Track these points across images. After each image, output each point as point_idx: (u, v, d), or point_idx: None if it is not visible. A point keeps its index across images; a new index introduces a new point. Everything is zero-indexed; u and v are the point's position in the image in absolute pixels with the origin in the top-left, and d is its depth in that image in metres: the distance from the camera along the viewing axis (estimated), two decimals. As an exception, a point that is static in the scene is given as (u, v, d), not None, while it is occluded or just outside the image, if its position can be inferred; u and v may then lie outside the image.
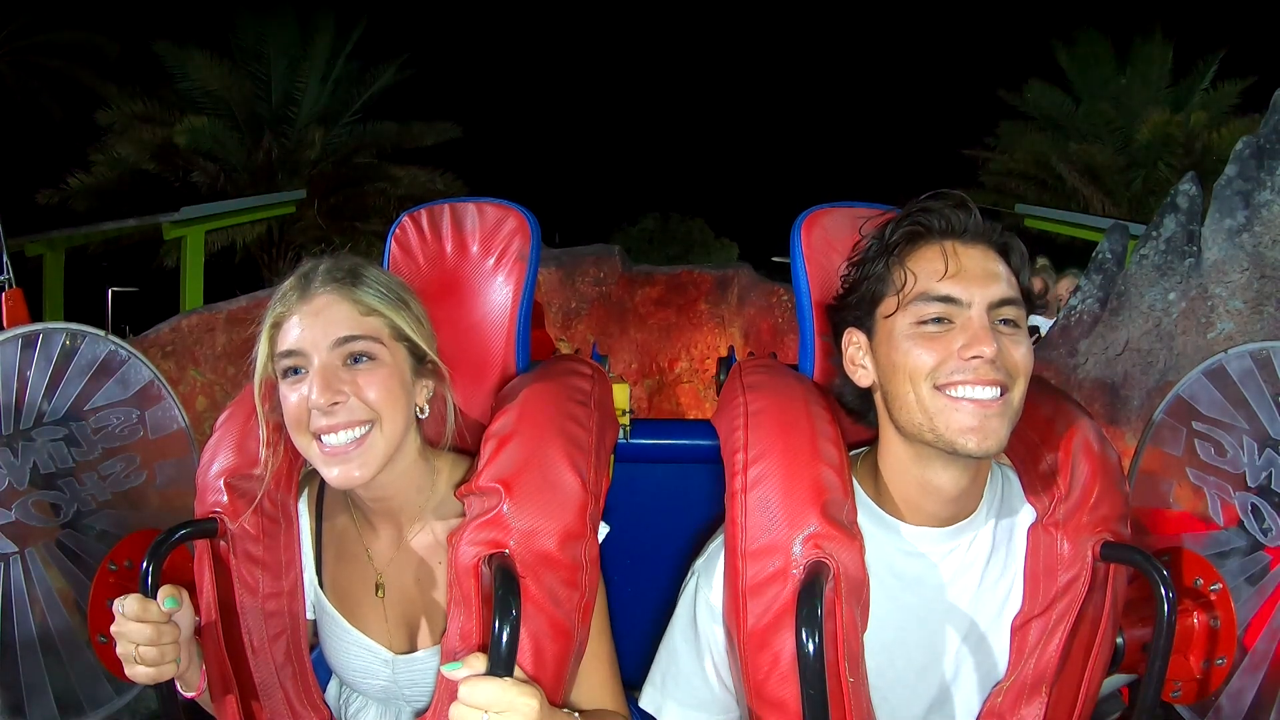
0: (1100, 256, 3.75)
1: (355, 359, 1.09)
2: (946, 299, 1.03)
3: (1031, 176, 13.31)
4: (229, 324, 4.74)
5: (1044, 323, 4.39)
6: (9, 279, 2.03)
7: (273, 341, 1.11)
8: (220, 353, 4.70)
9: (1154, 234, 3.39)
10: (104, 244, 10.82)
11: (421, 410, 1.16)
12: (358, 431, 1.08)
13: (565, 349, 5.93)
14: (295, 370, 1.09)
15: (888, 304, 1.07)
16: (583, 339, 5.53)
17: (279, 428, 1.16)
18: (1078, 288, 3.78)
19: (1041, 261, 5.21)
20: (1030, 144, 13.21)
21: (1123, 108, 12.67)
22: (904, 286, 1.05)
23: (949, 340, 1.02)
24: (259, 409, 1.15)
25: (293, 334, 1.09)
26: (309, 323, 1.09)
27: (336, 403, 1.06)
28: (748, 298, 5.48)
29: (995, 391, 1.01)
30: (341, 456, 1.07)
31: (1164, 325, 3.29)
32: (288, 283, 1.13)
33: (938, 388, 1.02)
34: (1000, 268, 1.05)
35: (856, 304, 1.11)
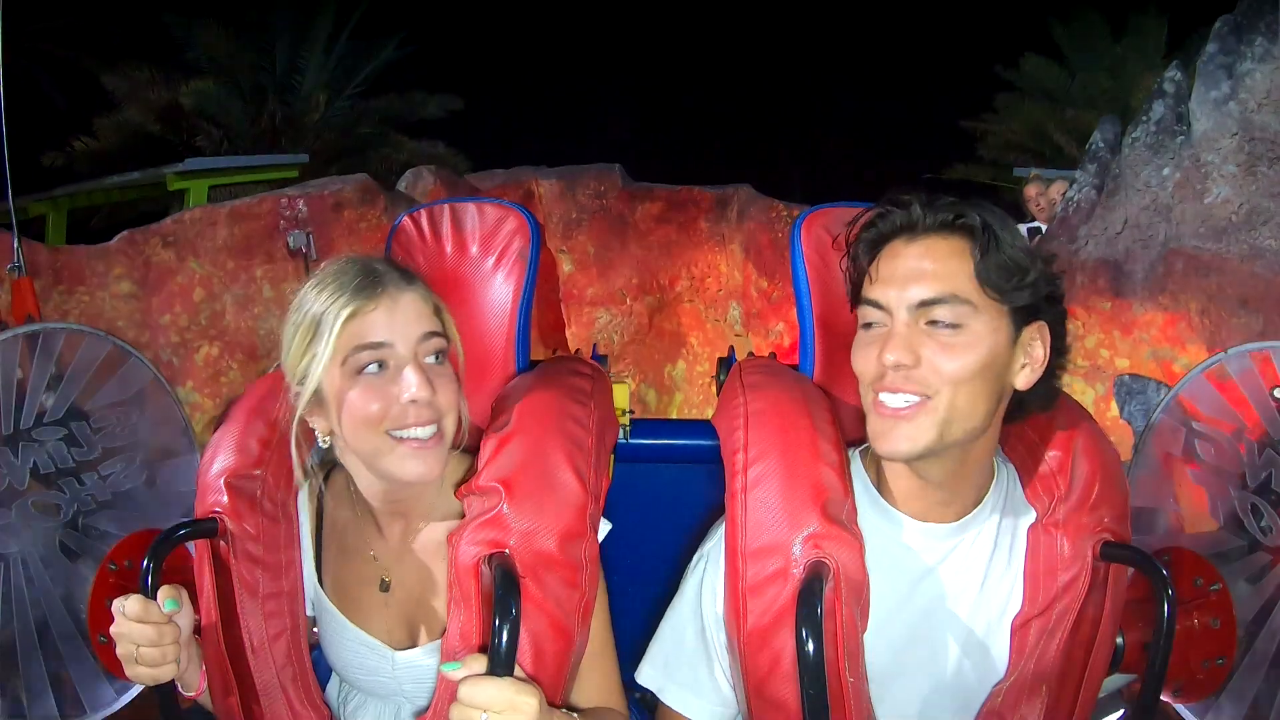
0: (1094, 147, 3.88)
1: (436, 356, 1.08)
2: (875, 304, 1.03)
3: (1029, 148, 13.24)
4: (231, 219, 4.71)
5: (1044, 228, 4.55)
6: (20, 267, 2.05)
7: (347, 335, 1.05)
8: (221, 246, 4.66)
9: (1144, 119, 3.56)
10: (106, 217, 10.83)
11: None
12: (433, 429, 1.07)
13: (566, 261, 5.94)
14: (379, 364, 1.06)
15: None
16: (583, 250, 5.55)
17: (276, 427, 1.16)
18: (1073, 181, 3.92)
19: (1034, 172, 5.35)
20: (1027, 113, 13.16)
21: (1119, 78, 12.65)
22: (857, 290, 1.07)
23: (879, 346, 1.02)
24: (293, 395, 1.11)
25: (379, 324, 1.05)
26: (394, 314, 1.06)
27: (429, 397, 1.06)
28: (748, 213, 5.49)
29: (909, 399, 1.00)
30: (423, 451, 1.07)
31: (1161, 199, 3.42)
32: (349, 279, 1.07)
33: (874, 391, 1.03)
34: (935, 265, 1.00)
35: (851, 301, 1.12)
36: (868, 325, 1.05)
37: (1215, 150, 3.28)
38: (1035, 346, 1.04)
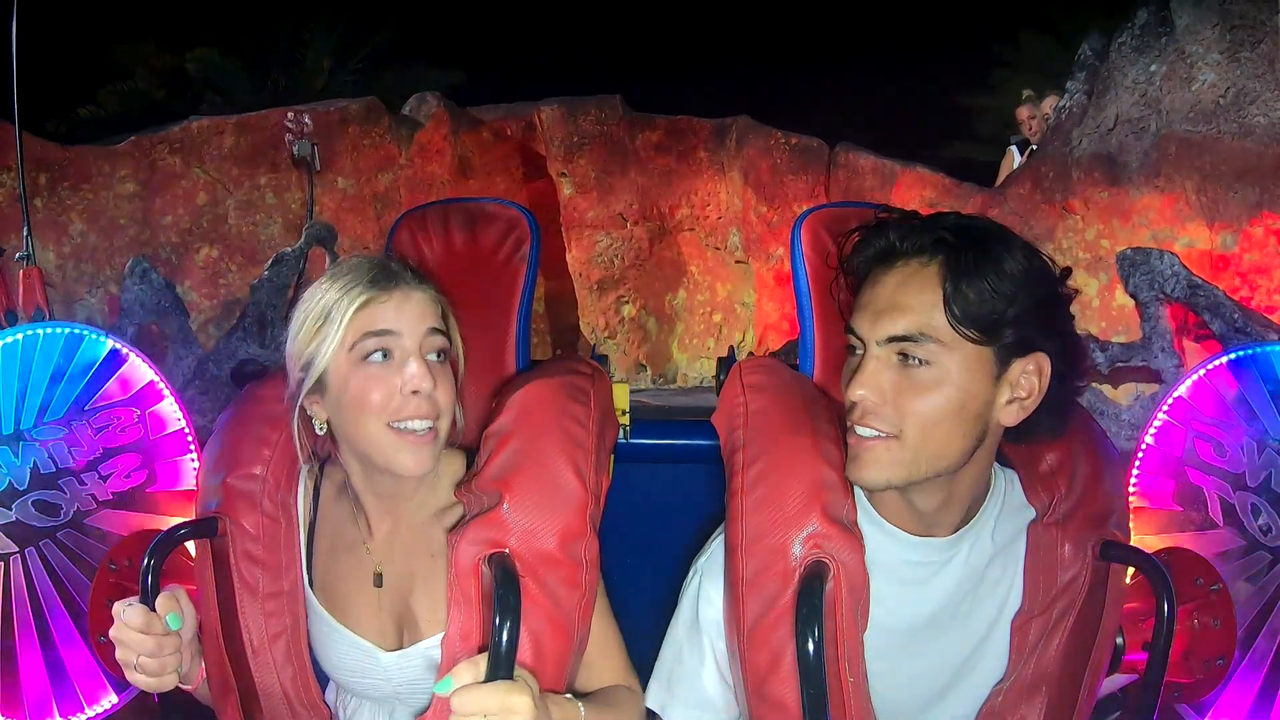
0: (1082, 56, 4.08)
1: (439, 354, 1.11)
2: (853, 332, 1.03)
3: (1027, 124, 13.26)
4: (238, 130, 4.81)
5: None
6: (29, 255, 2.05)
7: (358, 322, 1.08)
8: (227, 154, 4.76)
9: (1128, 25, 3.80)
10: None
11: None
12: (429, 424, 1.09)
13: (566, 185, 6.05)
14: (383, 353, 1.08)
15: None
16: (584, 174, 5.66)
17: (276, 427, 1.16)
18: (1064, 93, 4.07)
19: (1027, 93, 5.41)
20: (1023, 86, 13.10)
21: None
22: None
23: (851, 376, 1.01)
24: (294, 381, 1.12)
25: (389, 314, 1.08)
26: (404, 307, 1.09)
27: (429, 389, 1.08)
28: (746, 140, 5.59)
29: (875, 432, 0.99)
30: (418, 445, 1.08)
31: (1150, 93, 3.67)
32: (365, 273, 1.10)
33: (849, 419, 1.02)
34: (908, 297, 0.98)
35: None
36: (851, 351, 1.04)
37: (1199, 41, 3.50)
38: (1027, 380, 1.00)
